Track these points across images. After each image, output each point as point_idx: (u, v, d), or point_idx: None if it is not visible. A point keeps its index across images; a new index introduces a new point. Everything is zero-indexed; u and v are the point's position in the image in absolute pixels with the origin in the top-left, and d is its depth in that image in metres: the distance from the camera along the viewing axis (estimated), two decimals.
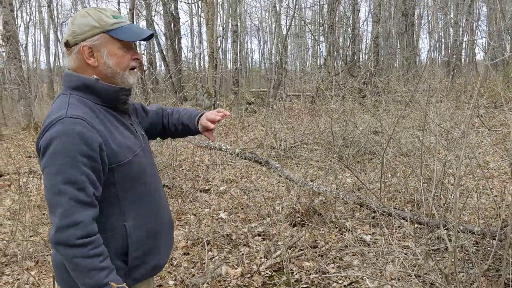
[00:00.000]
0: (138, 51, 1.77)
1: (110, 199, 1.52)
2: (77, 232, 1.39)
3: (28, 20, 31.27)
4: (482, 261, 3.27)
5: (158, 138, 2.12)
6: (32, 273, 3.77)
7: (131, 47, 1.60)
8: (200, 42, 31.31)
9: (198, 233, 4.47)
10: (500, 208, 4.09)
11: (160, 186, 1.74)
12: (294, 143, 8.41)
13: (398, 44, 21.55)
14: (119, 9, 32.07)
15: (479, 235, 3.69)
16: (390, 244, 3.64)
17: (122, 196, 1.54)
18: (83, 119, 1.44)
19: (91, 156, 1.42)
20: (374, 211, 4.29)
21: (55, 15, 28.47)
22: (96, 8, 1.58)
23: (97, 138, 1.44)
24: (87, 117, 1.47)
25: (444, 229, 3.31)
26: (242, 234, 4.51)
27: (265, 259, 3.93)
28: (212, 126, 1.84)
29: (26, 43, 27.54)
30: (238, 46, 19.76)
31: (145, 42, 1.67)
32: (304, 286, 3.48)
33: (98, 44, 1.53)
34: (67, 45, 1.55)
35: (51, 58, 27.31)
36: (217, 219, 5.05)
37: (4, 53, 11.74)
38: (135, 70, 1.62)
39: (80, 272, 1.41)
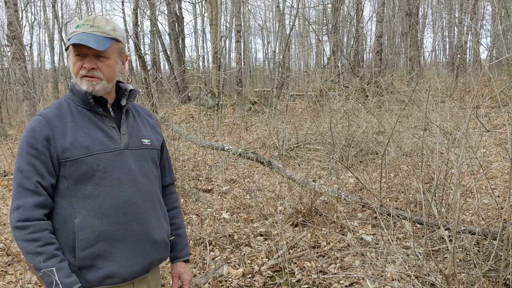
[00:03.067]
0: (143, 52, 1.83)
1: (63, 192, 1.60)
2: (17, 215, 1.52)
3: (32, 20, 31.42)
4: (483, 261, 3.26)
5: None
6: None
7: (87, 55, 1.63)
8: (204, 42, 31.37)
9: (200, 233, 4.49)
10: (502, 208, 4.08)
11: (137, 195, 1.69)
12: (297, 143, 8.42)
13: (402, 44, 21.51)
14: (123, 9, 32.11)
15: (480, 235, 3.69)
16: (390, 244, 3.64)
17: (73, 192, 1.60)
18: (42, 116, 1.61)
19: (37, 148, 1.55)
20: (375, 212, 4.29)
21: (60, 15, 28.58)
22: (85, 17, 1.70)
23: (46, 132, 1.57)
24: (49, 114, 1.62)
25: (445, 230, 3.31)
26: (244, 234, 4.53)
27: (267, 259, 3.94)
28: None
29: (31, 43, 27.69)
30: (242, 46, 19.78)
31: (149, 42, 1.75)
32: (305, 286, 3.49)
33: (68, 52, 1.67)
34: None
35: (56, 58, 27.41)
36: (219, 219, 5.07)
37: (9, 53, 11.80)
38: (88, 77, 1.63)
39: (23, 253, 1.53)
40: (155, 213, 1.76)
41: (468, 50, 22.48)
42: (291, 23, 17.39)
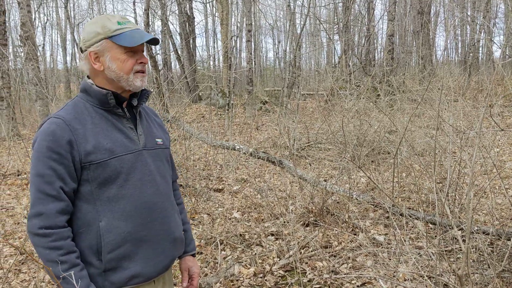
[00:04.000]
0: (154, 51, 1.83)
1: (86, 195, 1.58)
2: (39, 222, 1.49)
3: (45, 20, 31.77)
4: (497, 262, 3.23)
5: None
6: None
7: (137, 51, 1.64)
8: (214, 42, 31.44)
9: (211, 233, 4.49)
10: None
11: (157, 195, 1.71)
12: (308, 143, 8.40)
13: (414, 43, 21.36)
14: (134, 10, 32.32)
15: (494, 235, 3.65)
16: (403, 244, 3.62)
17: (97, 195, 1.58)
18: (61, 118, 1.56)
19: (59, 152, 1.52)
20: (388, 211, 4.27)
21: (72, 16, 28.84)
22: (107, 15, 1.66)
23: (68, 135, 1.53)
24: (68, 117, 1.57)
25: (458, 230, 3.28)
26: (255, 233, 4.53)
27: (278, 259, 3.94)
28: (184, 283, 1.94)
29: (44, 44, 27.96)
30: (253, 45, 19.76)
31: (160, 42, 1.70)
32: (317, 286, 3.48)
33: (102, 50, 1.61)
34: (81, 51, 1.66)
35: (68, 58, 27.71)
36: (230, 219, 5.07)
37: (23, 54, 11.93)
38: (142, 73, 1.66)
39: (43, 260, 1.51)
40: (172, 211, 1.79)
41: (481, 49, 22.27)
42: (302, 22, 17.36)
